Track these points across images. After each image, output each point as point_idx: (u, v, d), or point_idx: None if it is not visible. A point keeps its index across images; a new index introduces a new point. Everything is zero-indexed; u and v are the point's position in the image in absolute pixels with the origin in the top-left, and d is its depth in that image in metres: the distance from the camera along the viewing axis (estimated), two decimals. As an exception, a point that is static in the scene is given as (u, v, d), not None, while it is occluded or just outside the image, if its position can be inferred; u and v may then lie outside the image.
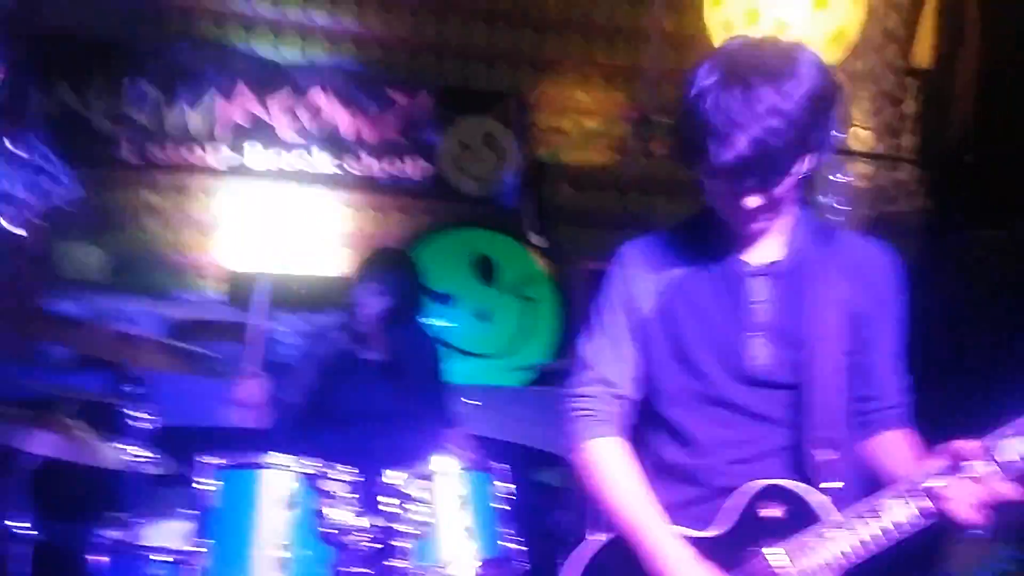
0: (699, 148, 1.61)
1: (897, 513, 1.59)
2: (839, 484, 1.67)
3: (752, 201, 1.65)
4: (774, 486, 1.68)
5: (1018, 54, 3.65)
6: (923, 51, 4.41)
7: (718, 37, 4.03)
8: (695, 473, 1.76)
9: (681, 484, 1.77)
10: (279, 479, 2.46)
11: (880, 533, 1.59)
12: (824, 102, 1.62)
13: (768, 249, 1.77)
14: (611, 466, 1.79)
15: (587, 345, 1.86)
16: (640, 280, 1.81)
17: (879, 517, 1.60)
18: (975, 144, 3.80)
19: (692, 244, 1.82)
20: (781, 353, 1.72)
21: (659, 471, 1.80)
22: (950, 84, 4.15)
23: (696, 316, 1.76)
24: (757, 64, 1.60)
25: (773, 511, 1.66)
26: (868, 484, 1.71)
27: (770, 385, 1.72)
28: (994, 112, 3.76)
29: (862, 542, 1.60)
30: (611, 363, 1.82)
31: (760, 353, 1.72)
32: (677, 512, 1.73)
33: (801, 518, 1.65)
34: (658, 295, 1.79)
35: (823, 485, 1.67)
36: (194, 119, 4.92)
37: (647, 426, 1.85)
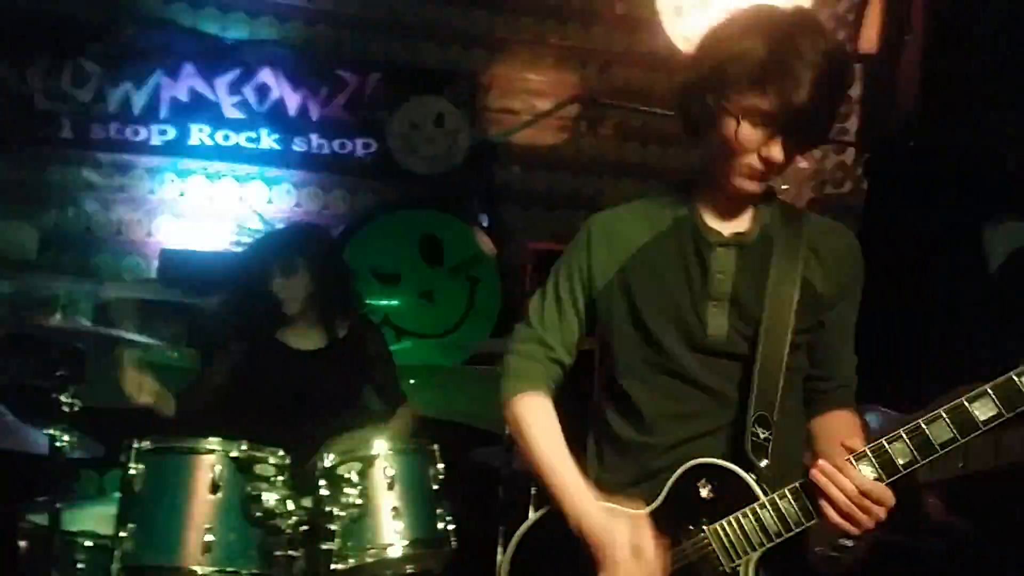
0: (754, 87, 1.60)
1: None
2: (765, 462, 1.67)
3: (777, 152, 1.64)
4: (710, 463, 1.69)
5: (963, 42, 3.67)
6: (870, 37, 4.43)
7: (669, 21, 4.02)
8: (645, 451, 1.77)
9: (632, 462, 1.79)
10: (206, 462, 2.40)
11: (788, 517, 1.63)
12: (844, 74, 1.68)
13: (737, 222, 1.79)
14: (535, 422, 1.82)
15: (535, 305, 1.89)
16: (603, 252, 1.82)
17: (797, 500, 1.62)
18: (918, 130, 3.82)
19: (660, 216, 1.82)
20: (736, 324, 1.72)
21: (613, 447, 1.82)
22: (894, 70, 4.17)
23: (656, 284, 1.77)
24: (797, 21, 1.64)
25: (707, 488, 1.68)
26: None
27: (722, 355, 1.73)
28: (937, 98, 3.78)
29: (783, 523, 1.62)
30: (552, 327, 1.85)
31: (716, 322, 1.73)
32: (628, 488, 1.75)
33: (734, 496, 1.67)
34: (620, 266, 1.80)
35: (762, 464, 1.67)
36: (138, 98, 4.81)
37: (602, 400, 1.86)
